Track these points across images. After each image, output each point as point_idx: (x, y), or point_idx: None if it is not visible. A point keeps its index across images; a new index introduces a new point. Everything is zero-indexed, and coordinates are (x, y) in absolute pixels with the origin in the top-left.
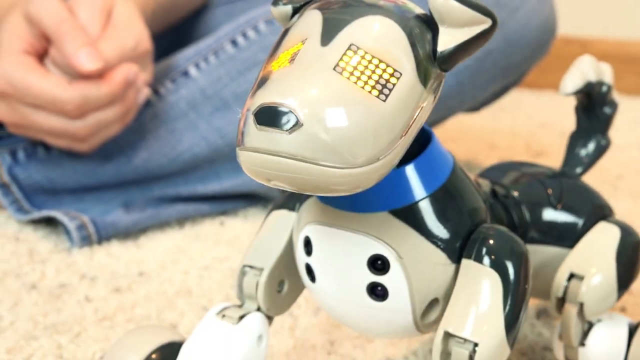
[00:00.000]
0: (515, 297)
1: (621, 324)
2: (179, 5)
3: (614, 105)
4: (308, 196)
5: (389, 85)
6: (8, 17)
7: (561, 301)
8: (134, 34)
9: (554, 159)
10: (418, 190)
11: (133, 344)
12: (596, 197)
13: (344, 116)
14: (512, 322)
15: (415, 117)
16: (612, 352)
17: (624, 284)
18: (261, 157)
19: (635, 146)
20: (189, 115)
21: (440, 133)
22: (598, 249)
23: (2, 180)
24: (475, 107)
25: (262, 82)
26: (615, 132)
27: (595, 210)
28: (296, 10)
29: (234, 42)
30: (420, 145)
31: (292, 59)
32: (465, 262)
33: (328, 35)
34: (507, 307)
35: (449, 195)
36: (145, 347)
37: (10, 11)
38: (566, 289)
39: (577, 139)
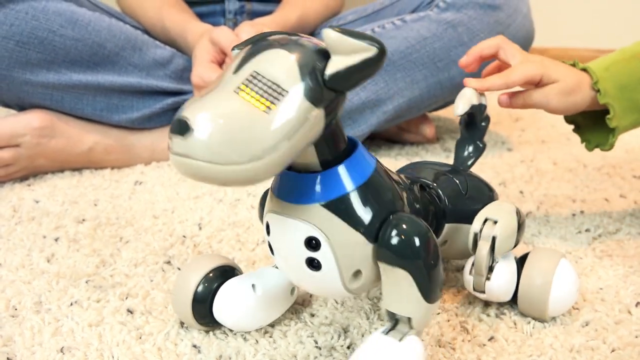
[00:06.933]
0: (427, 277)
1: (510, 259)
2: (305, 29)
3: (487, 119)
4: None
5: (275, 102)
6: (200, 41)
7: (475, 242)
8: None
9: (527, 122)
10: (342, 187)
11: (196, 267)
12: (487, 186)
13: (228, 125)
14: (429, 294)
15: (300, 126)
16: (509, 281)
17: (518, 237)
18: (175, 159)
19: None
20: None
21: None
22: (502, 208)
23: None
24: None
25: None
26: None
27: (488, 197)
28: None
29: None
30: (348, 154)
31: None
32: (382, 265)
33: (240, 66)
34: (422, 289)
35: (367, 192)
36: (204, 268)
37: (201, 38)
38: (481, 230)
39: (462, 144)
